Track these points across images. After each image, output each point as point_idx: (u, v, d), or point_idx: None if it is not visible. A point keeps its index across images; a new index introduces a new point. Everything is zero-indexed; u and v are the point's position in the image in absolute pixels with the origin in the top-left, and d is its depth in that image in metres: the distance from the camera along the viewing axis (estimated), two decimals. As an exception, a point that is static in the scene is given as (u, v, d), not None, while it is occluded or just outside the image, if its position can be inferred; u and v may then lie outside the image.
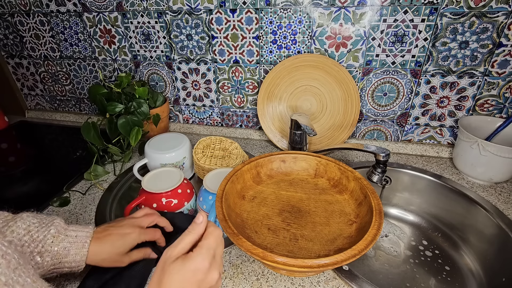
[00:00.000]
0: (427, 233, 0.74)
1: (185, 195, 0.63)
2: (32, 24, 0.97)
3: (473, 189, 0.71)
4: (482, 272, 0.64)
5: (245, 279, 0.51)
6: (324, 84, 0.80)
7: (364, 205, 0.53)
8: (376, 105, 0.81)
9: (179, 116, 1.02)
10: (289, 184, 0.63)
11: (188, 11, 0.81)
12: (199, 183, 0.77)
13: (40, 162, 0.91)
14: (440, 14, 0.67)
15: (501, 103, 0.74)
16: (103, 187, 0.75)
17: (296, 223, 0.53)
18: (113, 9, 0.87)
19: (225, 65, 0.87)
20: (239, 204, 0.57)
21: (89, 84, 1.05)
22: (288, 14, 0.75)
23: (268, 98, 0.84)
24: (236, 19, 0.79)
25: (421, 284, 0.63)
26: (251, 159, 0.62)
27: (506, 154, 0.64)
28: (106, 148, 0.80)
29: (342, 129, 0.82)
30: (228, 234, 0.44)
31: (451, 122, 0.79)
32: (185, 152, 0.75)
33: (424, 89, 0.76)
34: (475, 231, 0.68)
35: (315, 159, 0.64)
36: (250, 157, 0.84)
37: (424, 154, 0.83)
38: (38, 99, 1.16)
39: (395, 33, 0.71)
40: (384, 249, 0.71)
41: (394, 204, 0.80)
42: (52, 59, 1.04)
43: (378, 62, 0.75)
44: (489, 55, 0.69)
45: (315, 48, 0.78)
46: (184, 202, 0.63)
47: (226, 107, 0.95)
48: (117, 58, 0.95)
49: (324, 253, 0.48)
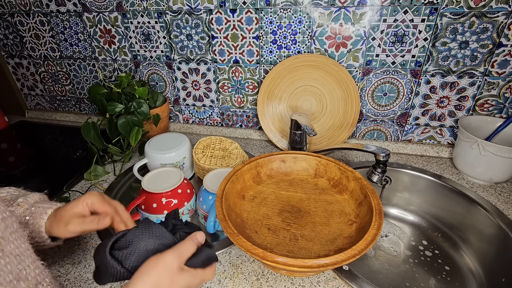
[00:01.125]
0: (427, 233, 0.74)
1: (185, 195, 0.63)
2: (32, 24, 0.97)
3: (473, 189, 0.71)
4: (482, 272, 0.64)
5: (245, 279, 0.51)
6: (324, 84, 0.80)
7: (364, 205, 0.53)
8: (376, 105, 0.81)
9: (179, 116, 1.02)
10: (289, 184, 0.63)
11: (188, 11, 0.81)
12: (199, 183, 0.77)
13: (40, 162, 0.91)
14: (440, 14, 0.67)
15: (501, 103, 0.74)
16: (103, 187, 0.75)
17: (296, 223, 0.53)
18: (113, 9, 0.87)
19: (225, 65, 0.87)
20: (239, 204, 0.57)
21: (89, 84, 1.05)
22: (288, 14, 0.75)
23: (268, 98, 0.84)
24: (236, 19, 0.79)
25: (421, 284, 0.63)
26: (251, 159, 0.62)
27: (506, 154, 0.64)
28: (106, 148, 0.80)
29: (342, 129, 0.82)
30: (228, 234, 0.44)
31: (451, 122, 0.79)
32: (185, 152, 0.75)
33: (424, 89, 0.76)
34: (475, 231, 0.68)
35: (315, 159, 0.64)
36: (250, 157, 0.84)
37: (424, 154, 0.83)
38: (38, 99, 1.16)
39: (395, 33, 0.71)
40: (384, 249, 0.71)
41: (394, 204, 0.80)
42: (52, 59, 1.04)
43: (378, 62, 0.75)
44: (489, 55, 0.69)
45: (315, 48, 0.78)
46: (184, 202, 0.63)
47: (226, 107, 0.95)
48: (117, 58, 0.95)
49: (324, 253, 0.48)
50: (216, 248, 0.57)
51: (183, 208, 0.63)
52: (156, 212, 0.61)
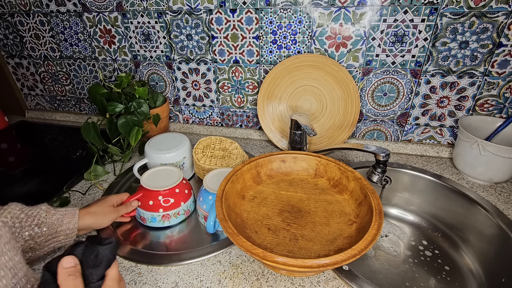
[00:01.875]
0: (427, 233, 0.74)
1: (183, 195, 0.63)
2: (32, 24, 0.97)
3: (473, 189, 0.71)
4: (482, 272, 0.64)
5: (245, 279, 0.51)
6: (324, 84, 0.80)
7: (364, 205, 0.53)
8: (376, 105, 0.81)
9: (179, 116, 1.02)
10: (289, 184, 0.63)
11: (188, 11, 0.81)
12: (199, 183, 0.77)
13: (40, 162, 0.91)
14: (440, 14, 0.67)
15: (501, 103, 0.74)
16: (103, 187, 0.75)
17: (296, 223, 0.53)
18: (113, 9, 0.87)
19: (225, 65, 0.87)
20: (239, 204, 0.57)
21: (89, 84, 1.05)
22: (288, 14, 0.75)
23: (268, 98, 0.84)
24: (236, 19, 0.79)
25: (420, 284, 0.63)
26: (251, 159, 0.62)
27: (506, 154, 0.64)
28: (106, 148, 0.80)
29: (342, 129, 0.82)
30: (228, 234, 0.44)
31: (451, 122, 0.79)
32: (185, 152, 0.75)
33: (424, 89, 0.76)
34: (475, 231, 0.68)
35: (315, 159, 0.64)
36: (250, 157, 0.84)
37: (424, 154, 0.83)
38: (38, 99, 1.16)
39: (395, 33, 0.71)
40: (384, 249, 0.71)
41: (394, 204, 0.80)
42: (52, 59, 1.04)
43: (378, 62, 0.75)
44: (489, 55, 0.69)
45: (315, 48, 0.78)
46: (181, 202, 0.63)
47: (226, 107, 0.95)
48: (117, 58, 0.95)
49: (324, 253, 0.48)
50: (216, 248, 0.57)
51: (179, 208, 0.62)
52: (152, 210, 0.61)
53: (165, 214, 0.62)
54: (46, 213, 0.50)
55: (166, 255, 0.56)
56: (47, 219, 0.50)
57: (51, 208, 0.52)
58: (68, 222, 0.51)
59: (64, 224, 0.51)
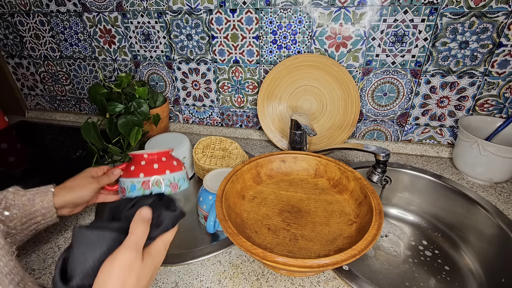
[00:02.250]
0: (427, 233, 0.74)
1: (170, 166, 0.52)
2: (32, 24, 0.97)
3: (473, 189, 0.71)
4: (482, 272, 0.64)
5: (245, 279, 0.51)
6: (324, 84, 0.80)
7: (364, 205, 0.53)
8: (376, 105, 0.81)
9: (179, 116, 1.02)
10: (289, 184, 0.63)
11: (188, 11, 0.81)
12: (199, 183, 0.77)
13: (40, 162, 0.91)
14: (440, 14, 0.67)
15: (501, 103, 0.74)
16: (103, 187, 0.75)
17: (296, 223, 0.53)
18: (113, 9, 0.87)
19: (225, 65, 0.87)
20: (239, 204, 0.57)
21: (89, 84, 1.05)
22: (288, 14, 0.75)
23: (268, 98, 0.84)
24: (236, 19, 0.79)
25: (420, 284, 0.63)
26: (251, 159, 0.62)
27: (506, 154, 0.64)
28: (106, 148, 0.80)
29: (342, 129, 0.82)
30: (228, 234, 0.44)
31: (451, 122, 0.79)
32: (185, 152, 0.75)
33: (424, 89, 0.76)
34: (475, 231, 0.68)
35: (315, 159, 0.64)
36: (250, 157, 0.84)
37: (424, 154, 0.83)
38: (38, 99, 1.16)
39: (395, 33, 0.71)
40: (384, 249, 0.71)
41: (394, 204, 0.80)
42: (52, 59, 1.04)
43: (378, 62, 0.75)
44: (489, 55, 0.69)
45: (315, 48, 0.78)
46: (166, 170, 0.51)
47: (226, 107, 0.95)
48: (117, 58, 0.95)
49: (324, 253, 0.48)
50: (216, 248, 0.57)
51: (163, 175, 0.50)
52: (132, 175, 0.50)
53: (145, 181, 0.50)
54: (14, 195, 0.47)
55: (166, 255, 0.56)
56: (15, 200, 0.47)
57: (19, 190, 0.49)
58: (41, 201, 0.48)
59: (36, 204, 0.48)
